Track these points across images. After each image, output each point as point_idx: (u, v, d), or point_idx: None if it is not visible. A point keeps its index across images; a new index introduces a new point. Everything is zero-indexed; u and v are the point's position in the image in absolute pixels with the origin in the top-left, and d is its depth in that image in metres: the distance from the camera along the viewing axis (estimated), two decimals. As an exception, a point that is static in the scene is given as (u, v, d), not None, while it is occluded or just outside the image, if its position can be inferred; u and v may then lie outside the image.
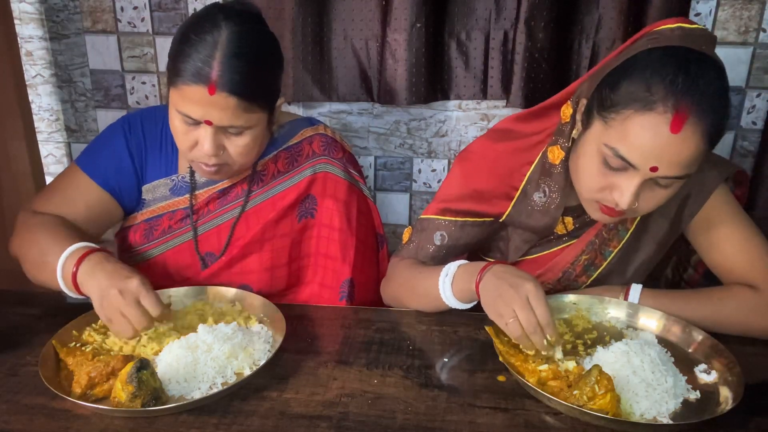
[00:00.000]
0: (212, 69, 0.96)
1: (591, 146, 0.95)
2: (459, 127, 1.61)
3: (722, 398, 0.85)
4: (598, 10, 1.42)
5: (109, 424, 0.80)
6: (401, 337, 1.02)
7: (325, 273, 1.19)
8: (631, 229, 1.10)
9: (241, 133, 1.03)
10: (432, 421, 0.81)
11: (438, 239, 1.15)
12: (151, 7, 1.61)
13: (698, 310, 1.01)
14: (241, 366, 0.89)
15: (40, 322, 1.05)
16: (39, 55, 1.67)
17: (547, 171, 1.09)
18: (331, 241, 1.18)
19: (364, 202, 1.24)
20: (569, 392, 0.83)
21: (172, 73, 1.00)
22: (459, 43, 1.52)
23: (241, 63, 0.97)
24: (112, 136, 1.17)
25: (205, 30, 0.98)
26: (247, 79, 0.98)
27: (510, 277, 0.92)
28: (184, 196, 1.17)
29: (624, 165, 0.91)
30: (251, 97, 0.99)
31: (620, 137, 0.90)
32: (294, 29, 1.50)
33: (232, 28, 0.98)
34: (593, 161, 0.95)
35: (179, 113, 1.00)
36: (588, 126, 0.97)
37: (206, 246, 1.17)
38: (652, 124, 0.86)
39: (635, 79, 0.89)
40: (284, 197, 1.17)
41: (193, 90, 0.97)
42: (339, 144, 1.23)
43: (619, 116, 0.90)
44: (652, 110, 0.86)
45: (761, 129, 1.52)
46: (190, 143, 1.03)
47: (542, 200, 1.10)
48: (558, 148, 1.06)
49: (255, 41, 1.01)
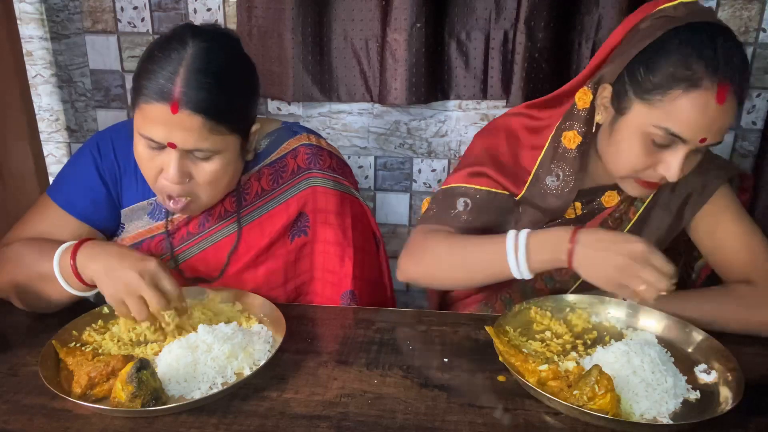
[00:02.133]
0: (174, 85, 0.89)
1: (632, 129, 0.98)
2: (459, 127, 1.61)
3: (722, 398, 0.85)
4: (598, 10, 1.43)
5: (109, 424, 0.80)
6: (401, 337, 1.02)
7: (324, 286, 1.16)
8: (633, 219, 1.12)
9: (209, 158, 0.96)
10: (432, 421, 0.81)
11: (461, 205, 1.12)
12: (151, 7, 1.61)
13: (697, 308, 1.02)
14: (241, 366, 0.89)
15: (40, 322, 1.05)
16: (39, 55, 1.67)
17: (561, 155, 1.10)
18: (327, 255, 1.15)
19: (357, 207, 1.19)
20: (569, 392, 0.83)
21: (135, 93, 0.94)
22: (459, 43, 1.52)
23: (206, 79, 0.91)
24: (82, 165, 1.10)
25: (171, 47, 0.92)
26: (213, 97, 0.92)
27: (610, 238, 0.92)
28: (163, 221, 1.12)
29: (672, 140, 0.95)
30: (218, 117, 0.93)
31: (670, 117, 0.93)
32: (294, 29, 1.50)
33: (199, 44, 0.92)
34: (637, 142, 0.98)
35: (142, 137, 0.94)
36: (624, 110, 0.99)
37: (194, 271, 1.13)
38: (701, 100, 0.91)
39: (673, 59, 0.92)
40: (273, 218, 1.11)
41: (155, 109, 0.91)
42: (325, 151, 1.15)
43: (666, 97, 0.93)
44: (699, 86, 0.91)
45: (761, 129, 1.52)
46: (155, 171, 0.96)
47: (555, 184, 1.11)
48: (574, 133, 1.07)
49: (224, 59, 0.95)
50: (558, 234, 0.96)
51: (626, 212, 1.13)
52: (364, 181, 1.69)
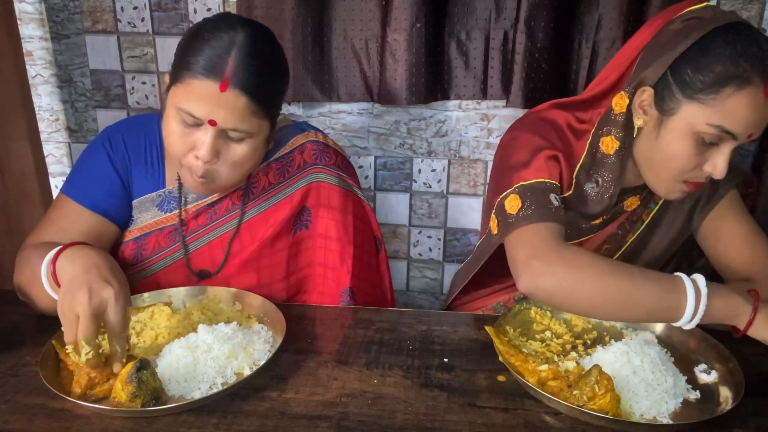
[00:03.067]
0: (227, 65, 0.92)
1: (682, 129, 0.98)
2: (459, 127, 1.61)
3: (722, 398, 0.85)
4: (598, 10, 1.43)
5: (109, 424, 0.80)
6: (401, 337, 1.02)
7: (324, 282, 1.18)
8: (647, 220, 1.13)
9: (242, 140, 0.99)
10: (432, 421, 0.81)
11: (554, 200, 1.02)
12: (151, 7, 1.61)
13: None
14: (241, 366, 0.89)
15: (40, 322, 1.05)
16: (39, 55, 1.67)
17: (599, 161, 1.08)
18: (328, 250, 1.16)
19: (359, 207, 1.21)
20: (569, 392, 0.83)
21: (178, 68, 0.95)
22: (459, 43, 1.52)
23: (256, 63, 0.94)
24: (96, 158, 1.11)
25: (221, 29, 0.95)
26: (261, 81, 0.95)
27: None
28: (172, 213, 1.13)
29: (721, 138, 0.96)
30: (261, 100, 0.96)
31: (725, 114, 0.94)
32: (294, 29, 1.50)
33: (248, 31, 0.95)
34: (687, 143, 0.98)
35: (180, 111, 0.95)
36: (671, 111, 0.99)
37: (199, 263, 1.14)
38: (753, 97, 0.93)
39: (721, 59, 0.94)
40: (277, 211, 1.14)
41: (203, 85, 0.93)
42: (331, 149, 1.19)
43: (719, 96, 0.94)
44: (750, 83, 0.92)
45: (761, 129, 1.52)
46: (186, 147, 0.98)
47: (594, 190, 1.10)
48: (612, 138, 1.06)
49: (270, 47, 0.99)
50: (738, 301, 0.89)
51: (641, 214, 1.15)
52: (364, 181, 1.70)
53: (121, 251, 1.14)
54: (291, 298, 1.19)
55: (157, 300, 1.07)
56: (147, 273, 1.14)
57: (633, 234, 1.15)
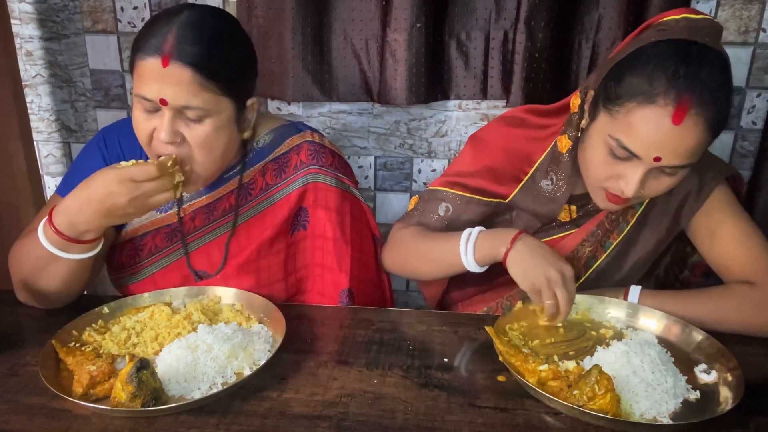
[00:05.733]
0: (167, 40, 0.94)
1: (597, 137, 0.98)
2: (459, 127, 1.61)
3: (722, 398, 0.85)
4: (598, 10, 1.42)
5: (109, 424, 0.80)
6: (401, 337, 1.02)
7: (323, 282, 1.17)
8: (632, 222, 1.12)
9: (201, 119, 0.98)
10: (432, 421, 0.81)
11: (442, 210, 1.18)
12: (151, 7, 1.61)
13: (698, 308, 1.02)
14: (241, 366, 0.89)
15: (39, 322, 1.05)
16: (39, 55, 1.67)
17: (556, 159, 1.11)
18: (326, 251, 1.16)
19: (357, 207, 1.21)
20: (569, 392, 0.83)
21: (132, 56, 0.98)
22: (459, 43, 1.52)
23: (197, 34, 0.95)
24: (90, 158, 1.13)
25: (168, 12, 0.98)
26: (203, 52, 0.95)
27: (545, 252, 0.98)
28: (167, 213, 1.13)
29: (629, 155, 0.93)
30: (208, 72, 0.95)
31: (624, 129, 0.92)
32: (294, 29, 1.50)
33: (194, 10, 0.98)
34: (600, 151, 0.98)
35: (138, 98, 0.97)
36: (594, 117, 0.99)
37: (197, 265, 1.14)
38: (655, 117, 0.89)
39: (638, 72, 0.91)
40: (275, 212, 1.14)
41: (148, 64, 0.94)
42: (327, 149, 1.18)
43: (622, 109, 0.92)
44: (654, 103, 0.89)
45: (761, 129, 1.52)
46: (148, 132, 0.99)
47: (549, 187, 1.13)
48: (566, 137, 1.08)
49: (217, 22, 1.00)
50: (502, 235, 1.03)
51: (624, 215, 1.13)
52: (364, 181, 1.70)
53: (117, 252, 1.14)
54: (290, 298, 1.19)
55: (157, 300, 1.07)
56: (144, 274, 1.14)
57: (618, 235, 1.12)
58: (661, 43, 0.92)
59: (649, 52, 0.92)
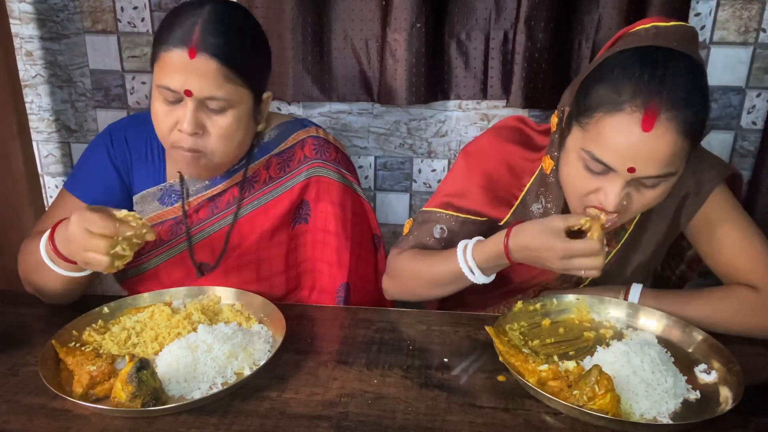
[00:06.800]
0: (193, 33, 0.95)
1: (573, 152, 0.96)
2: (459, 127, 1.61)
3: (722, 398, 0.85)
4: (598, 10, 1.42)
5: (109, 424, 0.80)
6: (401, 337, 1.02)
7: (321, 277, 1.18)
8: (630, 229, 1.10)
9: (223, 110, 1.00)
10: (432, 421, 0.81)
11: (437, 232, 1.15)
12: (151, 7, 1.61)
13: (699, 310, 1.01)
14: (241, 366, 0.89)
15: (40, 322, 1.05)
16: (39, 55, 1.67)
17: (544, 181, 1.09)
18: (326, 245, 1.17)
19: (358, 204, 1.22)
20: (569, 392, 0.83)
21: (155, 49, 0.99)
22: (459, 43, 1.52)
23: (222, 28, 0.97)
24: (95, 153, 1.14)
25: (189, 6, 0.99)
26: (229, 44, 0.97)
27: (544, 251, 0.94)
28: (173, 206, 1.15)
29: (604, 168, 0.91)
30: (232, 64, 0.97)
31: (595, 140, 0.90)
32: (294, 29, 1.50)
33: (216, 4, 1.00)
34: (576, 167, 0.95)
35: (160, 89, 0.98)
36: (568, 133, 0.97)
37: (200, 256, 1.15)
38: (623, 125, 0.86)
39: (604, 81, 0.89)
40: (277, 205, 1.14)
41: (174, 55, 0.96)
42: (332, 145, 1.20)
43: (592, 120, 0.90)
44: (622, 111, 0.86)
45: (761, 129, 1.52)
46: (170, 124, 1.00)
47: (540, 211, 1.10)
48: (549, 157, 1.07)
49: (239, 16, 1.02)
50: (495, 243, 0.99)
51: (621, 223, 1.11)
52: (364, 181, 1.70)
53: None
54: (290, 292, 1.20)
55: (157, 300, 1.07)
56: (148, 266, 1.16)
57: (617, 243, 1.11)
58: (627, 51, 0.90)
59: (614, 61, 0.90)
